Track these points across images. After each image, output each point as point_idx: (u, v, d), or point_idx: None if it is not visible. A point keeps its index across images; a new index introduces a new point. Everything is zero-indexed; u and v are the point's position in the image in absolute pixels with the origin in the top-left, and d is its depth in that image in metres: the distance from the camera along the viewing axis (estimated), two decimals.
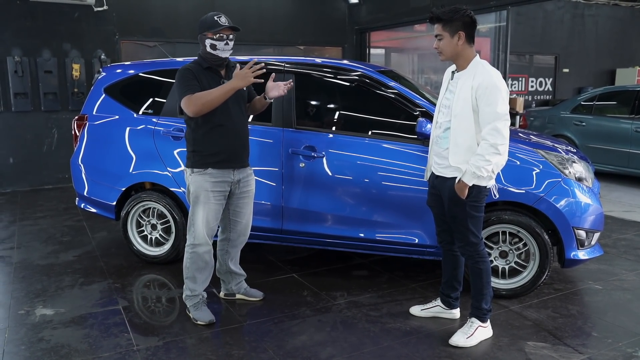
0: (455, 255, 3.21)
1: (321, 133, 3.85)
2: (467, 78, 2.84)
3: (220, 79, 3.17)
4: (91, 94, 4.51)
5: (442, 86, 3.10)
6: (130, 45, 8.14)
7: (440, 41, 2.87)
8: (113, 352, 2.97)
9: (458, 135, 2.86)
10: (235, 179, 3.27)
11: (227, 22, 3.10)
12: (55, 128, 7.65)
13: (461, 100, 2.83)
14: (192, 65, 3.18)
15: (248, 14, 8.74)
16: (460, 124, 2.85)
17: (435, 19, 2.85)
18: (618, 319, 3.36)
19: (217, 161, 3.18)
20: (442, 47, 2.87)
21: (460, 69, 2.91)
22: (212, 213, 3.22)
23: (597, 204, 3.62)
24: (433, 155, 3.09)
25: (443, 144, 2.96)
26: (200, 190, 3.19)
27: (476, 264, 3.01)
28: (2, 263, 4.48)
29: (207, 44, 3.09)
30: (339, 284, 3.95)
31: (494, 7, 7.46)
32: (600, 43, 13.70)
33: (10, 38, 7.25)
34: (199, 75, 3.12)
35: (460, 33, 2.81)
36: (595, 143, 7.77)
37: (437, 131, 3.02)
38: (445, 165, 2.96)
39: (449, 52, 2.87)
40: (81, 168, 4.45)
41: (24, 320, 3.37)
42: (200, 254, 3.26)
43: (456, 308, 3.36)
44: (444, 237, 3.20)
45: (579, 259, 3.57)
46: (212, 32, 3.07)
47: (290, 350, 2.98)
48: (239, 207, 3.39)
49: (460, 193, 2.85)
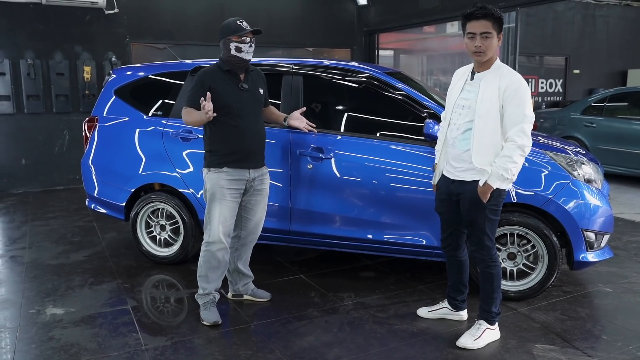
0: (460, 261, 3.19)
1: (329, 134, 3.86)
2: (493, 79, 2.75)
3: (239, 82, 3.25)
4: (101, 96, 4.56)
5: (452, 86, 3.01)
6: (141, 47, 8.21)
7: (486, 39, 2.70)
8: (122, 352, 2.99)
9: (484, 136, 2.76)
10: (251, 177, 3.33)
11: (249, 27, 3.22)
12: (67, 130, 7.73)
13: (486, 100, 2.74)
14: (212, 68, 3.29)
15: (257, 16, 8.77)
16: (486, 125, 2.75)
17: (487, 15, 2.68)
18: (628, 322, 3.33)
19: (232, 160, 3.25)
20: (488, 46, 2.71)
21: (483, 70, 2.81)
22: (228, 210, 3.26)
23: (607, 206, 3.59)
24: (449, 159, 2.96)
25: (462, 145, 2.85)
26: (216, 188, 3.24)
27: (488, 268, 2.98)
28: (14, 263, 4.54)
29: (232, 47, 3.18)
30: (346, 285, 3.95)
31: (503, 8, 7.41)
32: (611, 44, 13.59)
33: (24, 41, 7.35)
34: (216, 80, 3.21)
35: (501, 34, 2.76)
36: (606, 145, 7.70)
37: (455, 133, 2.89)
38: (464, 169, 2.87)
39: (492, 51, 2.73)
40: (91, 169, 4.50)
41: (35, 320, 3.41)
42: (214, 252, 3.29)
43: (463, 310, 3.35)
44: (449, 242, 3.17)
45: (588, 261, 3.54)
46: (237, 35, 3.17)
47: (297, 351, 2.99)
48: (251, 205, 3.42)
49: (484, 196, 2.77)
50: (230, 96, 3.22)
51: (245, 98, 3.27)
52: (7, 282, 4.11)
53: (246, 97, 3.27)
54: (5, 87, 7.31)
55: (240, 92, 3.26)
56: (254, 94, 3.33)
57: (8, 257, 4.71)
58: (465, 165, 2.86)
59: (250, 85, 3.29)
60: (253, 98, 3.30)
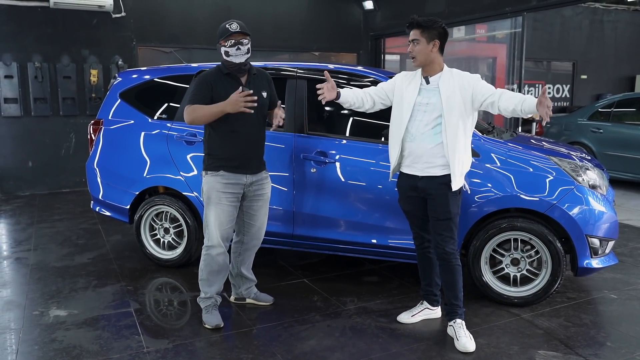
0: (431, 257, 3.29)
1: (333, 139, 3.86)
2: (448, 80, 3.02)
3: (240, 86, 3.18)
4: (107, 99, 4.58)
5: (404, 87, 3.13)
6: (147, 51, 8.26)
7: (416, 46, 3.01)
8: (123, 354, 3.00)
9: (451, 129, 2.97)
10: (248, 182, 3.30)
11: (237, 28, 3.13)
12: (73, 132, 7.78)
13: (451, 98, 2.98)
14: (212, 70, 3.26)
15: (263, 21, 8.81)
16: (451, 120, 2.97)
17: (415, 25, 3.01)
18: (633, 329, 3.30)
19: (229, 165, 3.23)
20: (417, 51, 3.01)
21: (433, 74, 3.06)
22: (224, 214, 3.24)
23: (612, 212, 3.57)
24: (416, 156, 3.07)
25: (434, 140, 3.01)
26: (212, 191, 3.23)
27: (456, 261, 3.10)
28: (19, 264, 4.56)
29: (222, 51, 3.16)
30: (349, 289, 3.94)
31: (510, 13, 7.42)
32: (619, 49, 13.52)
33: (31, 44, 7.42)
34: (216, 82, 3.17)
35: (436, 41, 3.01)
36: (612, 150, 7.65)
37: (423, 128, 3.03)
38: (434, 165, 3.02)
39: (423, 57, 3.02)
40: (96, 172, 4.52)
41: (38, 321, 3.43)
42: (214, 256, 3.28)
43: (438, 306, 3.44)
44: (421, 240, 3.29)
45: (592, 267, 3.51)
46: (223, 39, 3.13)
47: (299, 355, 2.98)
48: (253, 210, 3.40)
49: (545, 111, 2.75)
50: None
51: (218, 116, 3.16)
52: (11, 284, 4.13)
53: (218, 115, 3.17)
54: (13, 89, 7.37)
55: None
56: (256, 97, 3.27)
57: (13, 258, 4.73)
58: (437, 160, 3.02)
59: (253, 89, 3.20)
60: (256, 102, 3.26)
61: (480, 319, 3.40)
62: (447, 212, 3.04)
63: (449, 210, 3.04)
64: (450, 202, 3.04)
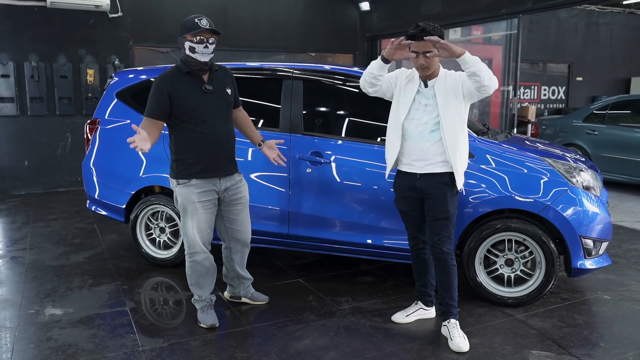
0: (427, 258, 3.30)
1: (329, 139, 3.88)
2: (443, 82, 3.03)
3: (202, 84, 3.06)
4: (103, 98, 4.58)
5: (403, 85, 3.11)
6: (144, 51, 8.26)
7: (429, 57, 2.93)
8: (118, 352, 3.00)
9: (450, 127, 2.99)
10: (223, 187, 3.19)
11: (207, 25, 2.97)
12: (69, 132, 7.78)
13: (447, 100, 2.99)
14: (171, 71, 3.08)
15: (260, 21, 8.83)
16: (448, 120, 2.99)
17: (428, 34, 2.88)
18: (626, 330, 3.32)
19: (199, 170, 3.09)
20: (430, 62, 2.95)
21: (432, 77, 3.05)
22: (202, 222, 3.15)
23: (605, 213, 3.59)
24: (416, 155, 3.06)
25: (433, 136, 3.01)
26: (187, 203, 3.11)
27: (452, 261, 3.11)
28: (15, 263, 4.56)
29: (187, 46, 2.98)
30: (344, 289, 3.96)
31: (505, 15, 7.45)
32: (615, 51, 13.59)
33: (28, 44, 7.41)
34: (176, 84, 3.02)
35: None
36: (607, 152, 7.69)
37: (421, 127, 3.04)
38: (434, 162, 3.03)
39: (435, 65, 3.01)
40: (92, 171, 4.52)
41: (34, 320, 3.43)
42: (199, 262, 3.23)
43: (432, 306, 3.45)
44: (417, 241, 3.29)
45: (585, 268, 3.54)
46: (191, 34, 2.96)
47: (293, 354, 3.00)
48: (233, 215, 3.31)
49: (446, 44, 2.81)
50: (194, 100, 3.02)
51: (210, 101, 3.07)
52: (7, 283, 4.13)
53: (211, 100, 3.07)
54: (9, 89, 7.36)
55: (204, 95, 3.06)
56: (220, 95, 3.12)
57: (9, 257, 4.73)
58: (436, 158, 3.02)
59: (216, 86, 3.08)
60: (219, 100, 3.10)
61: (474, 319, 3.42)
62: (445, 211, 3.04)
63: (447, 210, 3.05)
64: (449, 201, 3.05)
